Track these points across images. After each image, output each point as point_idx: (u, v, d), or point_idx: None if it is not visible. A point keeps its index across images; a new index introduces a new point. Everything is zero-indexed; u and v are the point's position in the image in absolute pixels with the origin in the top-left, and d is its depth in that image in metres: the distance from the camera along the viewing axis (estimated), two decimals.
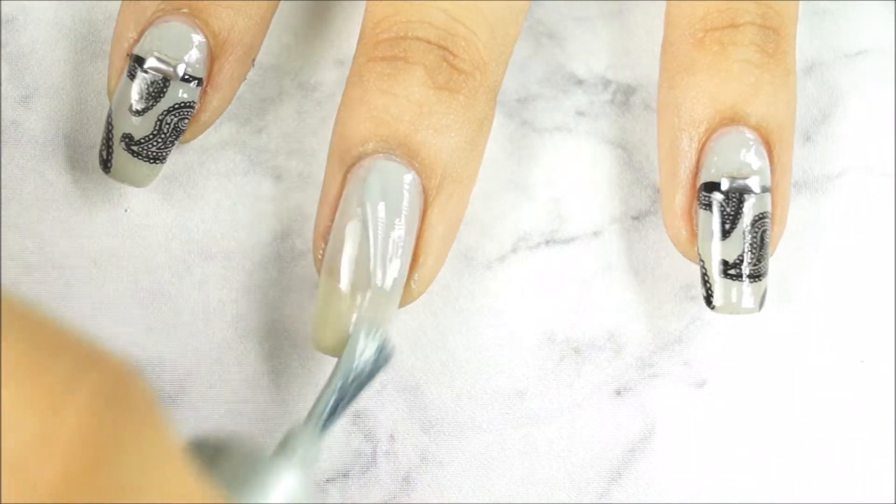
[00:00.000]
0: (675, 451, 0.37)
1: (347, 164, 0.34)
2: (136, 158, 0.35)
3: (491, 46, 0.35)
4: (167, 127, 0.35)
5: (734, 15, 0.36)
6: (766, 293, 0.35)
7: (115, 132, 0.35)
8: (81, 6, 0.38)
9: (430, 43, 0.34)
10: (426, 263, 0.34)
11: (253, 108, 0.38)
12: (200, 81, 0.35)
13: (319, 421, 0.31)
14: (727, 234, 0.35)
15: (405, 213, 0.34)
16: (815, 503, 0.37)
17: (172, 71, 0.35)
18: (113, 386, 0.21)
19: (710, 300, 0.35)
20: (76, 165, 0.37)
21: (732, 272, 0.35)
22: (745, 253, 0.35)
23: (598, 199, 0.38)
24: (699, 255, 0.35)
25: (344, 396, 0.32)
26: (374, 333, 0.33)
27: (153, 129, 0.35)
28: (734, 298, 0.35)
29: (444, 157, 0.34)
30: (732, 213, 0.35)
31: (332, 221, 0.34)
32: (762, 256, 0.35)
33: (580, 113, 0.39)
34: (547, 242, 0.38)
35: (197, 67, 0.35)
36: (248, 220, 0.37)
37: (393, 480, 0.36)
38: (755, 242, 0.35)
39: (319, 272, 0.34)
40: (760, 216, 0.35)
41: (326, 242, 0.34)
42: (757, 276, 0.35)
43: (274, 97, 0.38)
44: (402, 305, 0.34)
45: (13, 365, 0.21)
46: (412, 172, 0.34)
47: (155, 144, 0.35)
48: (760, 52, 0.35)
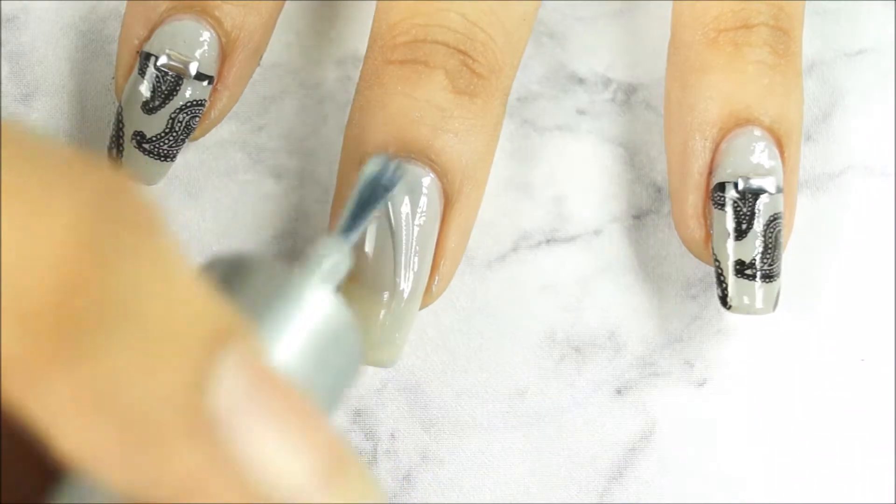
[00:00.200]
0: (675, 450, 0.37)
1: None
2: (147, 156, 0.35)
3: (506, 50, 0.35)
4: (179, 125, 0.35)
5: (747, 16, 0.35)
6: (779, 294, 0.35)
7: (126, 130, 0.35)
8: (82, 5, 0.38)
9: (449, 47, 0.34)
10: (445, 265, 0.34)
11: (254, 106, 0.38)
12: (212, 79, 0.35)
13: (344, 229, 0.28)
14: (743, 234, 0.35)
15: (427, 216, 0.34)
16: (814, 503, 0.37)
17: (185, 69, 0.34)
18: (104, 195, 0.20)
19: (725, 300, 0.35)
20: None
21: (748, 272, 0.35)
22: (760, 253, 0.35)
23: (598, 198, 0.38)
24: (714, 255, 0.35)
25: (366, 203, 0.30)
26: (387, 160, 0.32)
27: (165, 126, 0.35)
28: (749, 299, 0.35)
29: (463, 160, 0.34)
30: (748, 213, 0.35)
31: None
32: (777, 257, 0.35)
33: (581, 112, 0.39)
34: (548, 241, 0.38)
35: (209, 65, 0.35)
36: (248, 218, 0.37)
37: (393, 479, 0.36)
38: (770, 242, 0.35)
39: None
40: (774, 216, 0.35)
41: None
42: (771, 276, 0.35)
43: (275, 96, 0.38)
44: (422, 307, 0.34)
45: None
46: (432, 175, 0.34)
47: (167, 142, 0.35)
48: (773, 53, 0.35)
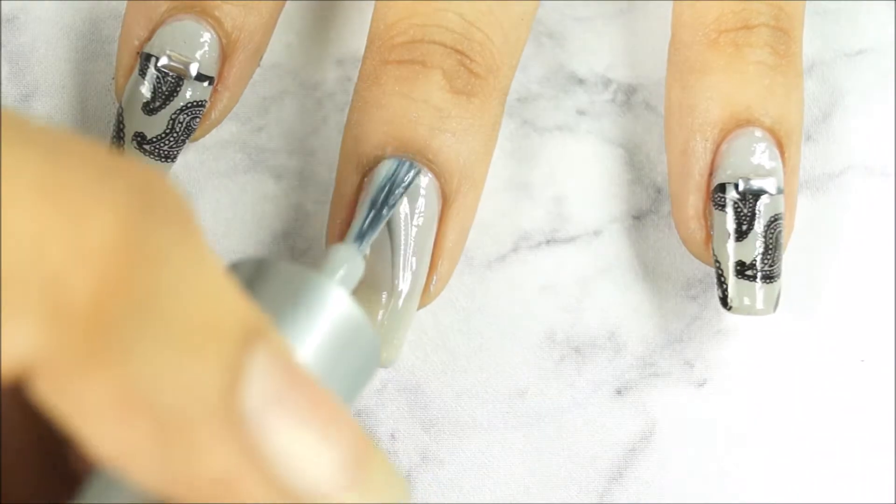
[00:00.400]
0: (675, 450, 0.37)
1: (364, 166, 0.34)
2: (147, 157, 0.35)
3: (504, 50, 0.35)
4: (179, 126, 0.35)
5: (748, 16, 0.35)
6: (780, 295, 0.35)
7: (126, 131, 0.35)
8: (82, 5, 0.38)
9: (446, 47, 0.34)
10: (443, 265, 0.34)
11: (254, 106, 0.38)
12: (212, 80, 0.35)
13: (358, 236, 0.30)
14: (743, 235, 0.35)
15: (425, 216, 0.34)
16: (815, 503, 0.37)
17: (186, 70, 0.34)
18: (142, 192, 0.20)
19: (725, 301, 0.35)
20: None
21: (748, 273, 0.35)
22: (760, 254, 0.35)
23: (598, 198, 0.38)
24: (714, 256, 0.35)
25: (378, 207, 0.31)
26: (401, 160, 0.33)
27: (166, 127, 0.35)
28: (750, 300, 0.35)
29: (461, 160, 0.34)
30: (749, 214, 0.35)
31: (348, 224, 0.34)
32: (777, 258, 0.35)
33: (581, 112, 0.39)
34: (547, 242, 0.38)
35: (209, 66, 0.35)
36: (248, 219, 0.37)
37: None
38: (770, 243, 0.35)
39: None
40: (775, 217, 0.35)
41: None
42: (771, 277, 0.35)
43: (275, 96, 0.38)
44: (420, 307, 0.34)
45: (33, 181, 0.19)
46: (430, 175, 0.34)
47: (167, 143, 0.35)
48: (774, 53, 0.35)
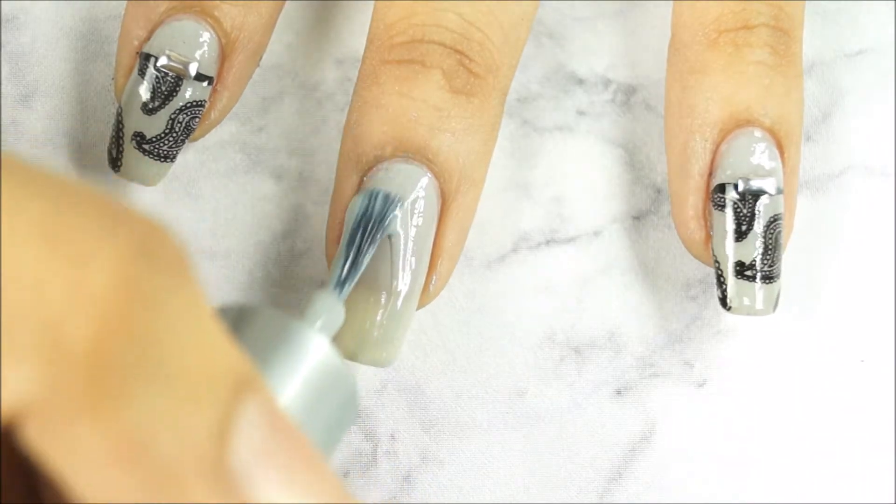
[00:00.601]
0: (675, 450, 0.37)
1: (364, 166, 0.34)
2: (146, 157, 0.35)
3: (503, 50, 0.35)
4: (179, 126, 0.35)
5: (748, 16, 0.35)
6: (779, 295, 0.35)
7: (125, 131, 0.35)
8: (82, 5, 0.38)
9: (446, 47, 0.34)
10: (443, 265, 0.34)
11: (253, 107, 0.38)
12: (211, 80, 0.35)
13: (338, 283, 0.31)
14: (743, 235, 0.35)
15: (424, 216, 0.34)
16: (815, 503, 0.37)
17: (185, 69, 0.34)
18: (143, 241, 0.21)
19: (725, 301, 0.35)
20: (77, 165, 0.37)
21: (748, 273, 0.35)
22: (760, 254, 0.35)
23: (598, 198, 0.38)
24: (714, 256, 0.35)
25: (357, 252, 0.31)
26: (373, 193, 0.33)
27: (165, 127, 0.35)
28: (749, 300, 0.35)
29: (461, 160, 0.34)
30: (748, 214, 0.35)
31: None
32: (777, 258, 0.35)
33: (581, 112, 0.39)
34: (547, 242, 0.38)
35: (209, 66, 0.35)
36: (248, 219, 0.37)
37: (393, 480, 0.36)
38: (770, 244, 0.35)
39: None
40: (774, 217, 0.35)
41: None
42: (771, 277, 0.35)
43: (274, 96, 0.38)
44: (419, 307, 0.34)
45: (35, 225, 0.20)
46: (429, 175, 0.34)
47: (166, 143, 0.35)
48: (773, 53, 0.35)
